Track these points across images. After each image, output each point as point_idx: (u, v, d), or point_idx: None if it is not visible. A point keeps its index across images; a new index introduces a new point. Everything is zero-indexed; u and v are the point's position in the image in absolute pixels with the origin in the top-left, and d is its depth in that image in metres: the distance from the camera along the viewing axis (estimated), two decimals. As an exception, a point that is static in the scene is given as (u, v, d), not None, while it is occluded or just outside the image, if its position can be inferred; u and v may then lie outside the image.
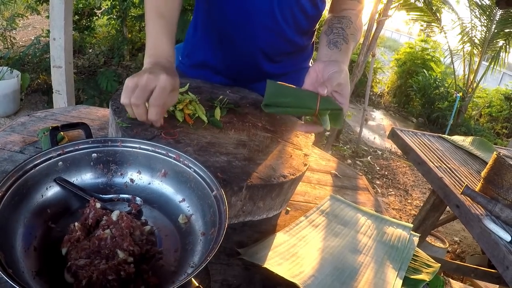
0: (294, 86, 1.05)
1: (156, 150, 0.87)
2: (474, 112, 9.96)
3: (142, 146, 0.88)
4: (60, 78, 3.47)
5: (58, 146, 0.83)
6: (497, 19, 8.24)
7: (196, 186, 0.82)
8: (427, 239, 3.27)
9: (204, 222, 0.78)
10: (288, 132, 1.23)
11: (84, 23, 6.65)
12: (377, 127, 8.22)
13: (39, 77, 5.44)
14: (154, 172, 0.89)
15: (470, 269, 2.53)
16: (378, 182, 5.35)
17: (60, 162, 0.83)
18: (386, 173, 5.71)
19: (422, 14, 8.60)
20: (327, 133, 5.39)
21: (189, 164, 0.83)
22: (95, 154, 0.87)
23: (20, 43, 7.16)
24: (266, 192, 0.94)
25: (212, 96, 1.32)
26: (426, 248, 3.30)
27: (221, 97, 1.31)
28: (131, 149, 0.88)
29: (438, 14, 8.58)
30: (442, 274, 2.79)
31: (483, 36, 8.57)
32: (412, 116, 9.78)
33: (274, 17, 1.37)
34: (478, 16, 8.51)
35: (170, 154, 0.86)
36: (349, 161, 5.70)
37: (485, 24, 8.48)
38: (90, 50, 7.14)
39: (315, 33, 1.64)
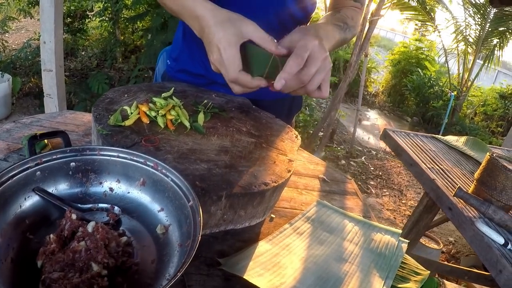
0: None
1: (134, 158, 0.85)
2: (469, 111, 9.99)
3: (120, 155, 0.86)
4: (51, 82, 3.45)
5: (36, 156, 0.81)
6: (491, 18, 8.27)
7: (174, 196, 0.80)
8: (421, 240, 3.26)
9: (181, 233, 0.76)
10: (274, 136, 1.20)
11: (76, 26, 6.64)
12: (371, 127, 8.22)
13: (31, 80, 5.43)
14: (133, 181, 0.87)
15: (463, 271, 2.52)
16: (372, 182, 5.34)
17: (38, 172, 0.81)
18: (380, 173, 5.70)
19: (416, 13, 8.62)
20: (321, 133, 5.38)
21: (167, 173, 0.82)
22: (74, 163, 0.85)
23: (13, 46, 7.15)
24: (247, 200, 0.92)
25: (197, 100, 1.30)
26: (420, 249, 3.29)
27: (205, 101, 1.29)
28: (109, 157, 0.86)
29: (432, 14, 8.59)
30: (436, 275, 2.79)
31: (477, 35, 8.58)
32: (407, 115, 9.81)
33: (258, 22, 1.35)
34: (472, 15, 8.52)
35: (148, 163, 0.84)
36: (343, 161, 5.69)
37: (479, 22, 8.50)
38: (83, 53, 7.13)
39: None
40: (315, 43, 0.99)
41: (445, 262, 3.85)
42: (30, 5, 6.40)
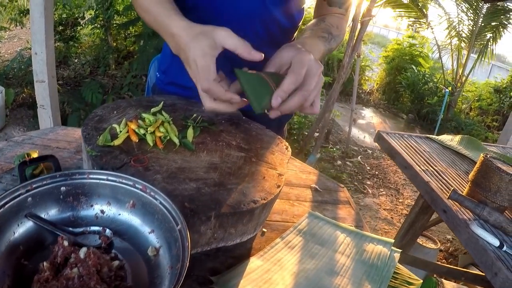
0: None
1: (123, 181, 0.85)
2: (464, 106, 10.01)
3: (109, 178, 0.86)
4: (43, 93, 3.44)
5: (26, 182, 0.81)
6: (484, 13, 8.30)
7: (163, 218, 0.80)
8: (418, 240, 3.26)
9: (171, 256, 0.76)
10: (264, 149, 1.21)
11: (68, 33, 6.63)
12: (367, 126, 8.23)
13: (24, 91, 5.41)
14: (123, 203, 0.87)
15: (460, 272, 2.52)
16: (368, 182, 5.34)
17: (30, 198, 0.81)
18: (376, 172, 5.71)
19: (408, 10, 8.63)
20: (316, 134, 5.38)
21: (155, 196, 0.82)
22: (64, 188, 0.85)
23: (6, 56, 7.13)
24: (236, 219, 0.92)
25: (186, 114, 1.30)
26: (417, 250, 3.29)
27: (194, 115, 1.29)
28: (99, 181, 0.87)
29: (424, 10, 8.61)
30: (434, 275, 2.79)
31: (471, 30, 8.62)
32: (402, 112, 9.82)
33: (244, 32, 1.35)
34: (465, 10, 8.55)
35: (136, 185, 0.84)
36: (339, 162, 5.70)
37: (472, 18, 8.53)
38: (76, 60, 7.11)
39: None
40: (310, 57, 1.00)
41: (444, 261, 3.86)
42: (21, 14, 6.39)
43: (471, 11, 8.45)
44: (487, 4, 7.97)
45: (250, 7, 1.36)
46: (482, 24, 8.43)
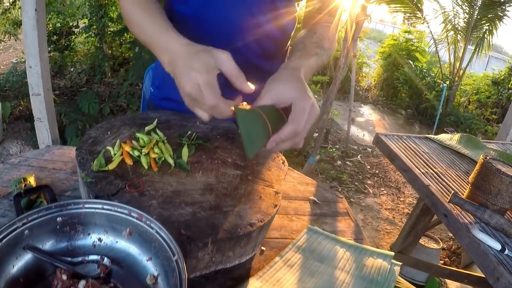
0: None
1: (118, 210, 0.85)
2: (462, 99, 10.00)
3: (105, 207, 0.86)
4: (40, 106, 3.43)
5: (22, 216, 0.81)
6: (479, 5, 8.28)
7: (160, 247, 0.80)
8: (420, 240, 3.25)
9: (169, 285, 0.76)
10: (260, 165, 1.20)
11: (63, 43, 6.62)
12: (365, 123, 8.21)
13: (21, 103, 5.40)
14: (120, 232, 0.86)
15: (463, 274, 2.51)
16: (369, 182, 5.33)
17: (27, 231, 0.81)
18: (377, 171, 5.69)
19: (403, 5, 8.62)
20: (315, 134, 5.37)
21: (151, 225, 0.81)
22: (60, 218, 0.85)
23: (2, 67, 7.13)
24: (233, 243, 0.91)
25: (181, 131, 1.28)
26: (419, 251, 3.28)
27: (189, 132, 1.28)
28: (94, 210, 0.86)
29: (419, 5, 8.60)
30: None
31: (467, 22, 8.61)
32: (401, 108, 9.81)
33: (235, 44, 1.34)
34: (460, 3, 8.54)
35: (132, 214, 0.84)
36: (339, 162, 5.69)
37: (467, 11, 8.52)
38: (72, 69, 7.10)
39: (287, 54, 1.59)
40: (310, 103, 0.98)
41: (446, 259, 3.85)
42: (15, 26, 6.38)
43: (466, 4, 8.44)
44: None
45: (239, 19, 1.35)
46: (478, 17, 8.42)
